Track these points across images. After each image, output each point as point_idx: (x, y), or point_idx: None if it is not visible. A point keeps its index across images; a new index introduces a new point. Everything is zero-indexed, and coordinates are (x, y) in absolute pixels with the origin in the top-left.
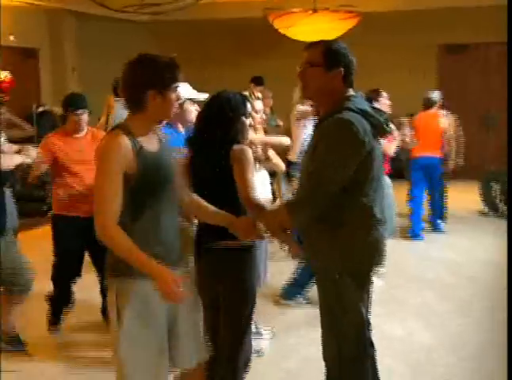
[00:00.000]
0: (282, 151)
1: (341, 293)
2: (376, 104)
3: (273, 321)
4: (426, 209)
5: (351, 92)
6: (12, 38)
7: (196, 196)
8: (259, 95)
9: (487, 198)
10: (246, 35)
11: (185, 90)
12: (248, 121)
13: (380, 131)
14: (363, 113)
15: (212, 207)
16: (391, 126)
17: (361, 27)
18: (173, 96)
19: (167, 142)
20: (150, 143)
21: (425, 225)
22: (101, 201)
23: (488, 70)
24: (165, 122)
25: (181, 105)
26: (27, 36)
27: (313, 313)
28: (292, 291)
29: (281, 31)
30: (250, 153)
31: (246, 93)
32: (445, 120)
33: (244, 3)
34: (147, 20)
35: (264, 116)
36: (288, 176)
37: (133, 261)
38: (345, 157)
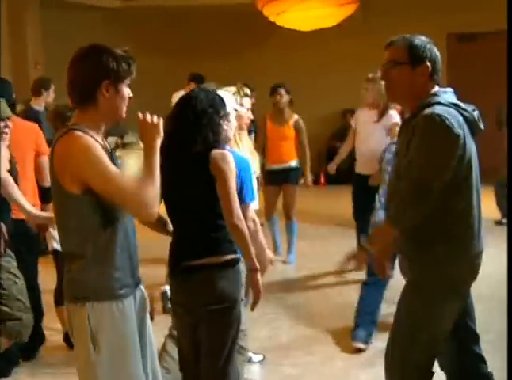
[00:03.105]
0: None
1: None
2: None
3: (264, 345)
4: None
5: (437, 88)
6: None
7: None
8: (248, 92)
9: (503, 205)
10: (233, 23)
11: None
12: (232, 122)
13: (474, 127)
14: (455, 107)
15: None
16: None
17: (361, 15)
18: (126, 91)
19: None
20: (104, 144)
21: None
22: (118, 182)
23: (500, 60)
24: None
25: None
26: None
27: (305, 336)
28: (366, 329)
29: (271, 18)
30: (231, 158)
31: (233, 89)
32: None
33: None
34: (118, 7)
35: (251, 116)
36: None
37: (154, 165)
38: (441, 155)
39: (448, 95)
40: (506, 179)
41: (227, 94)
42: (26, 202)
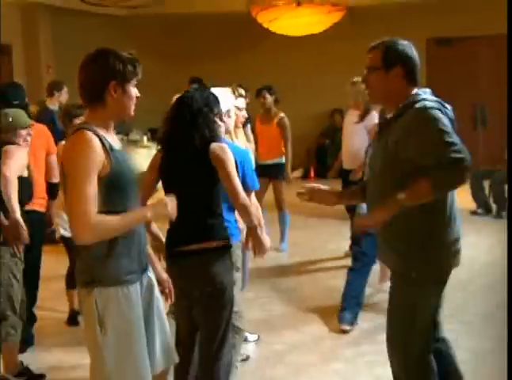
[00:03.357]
0: None
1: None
2: None
3: (259, 325)
4: None
5: (416, 90)
6: None
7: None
8: (242, 92)
9: (479, 197)
10: (229, 29)
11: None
12: (233, 116)
13: (452, 124)
14: (438, 103)
15: None
16: None
17: (348, 21)
18: (133, 91)
19: (123, 142)
20: (113, 140)
21: None
22: (82, 202)
23: (476, 63)
24: None
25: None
26: None
27: (296, 317)
28: (352, 312)
29: (265, 25)
30: (228, 149)
31: (229, 90)
32: None
33: None
34: (124, 15)
35: (246, 115)
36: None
37: (132, 225)
38: (452, 135)
39: (427, 95)
40: (481, 173)
41: (228, 92)
42: (17, 208)
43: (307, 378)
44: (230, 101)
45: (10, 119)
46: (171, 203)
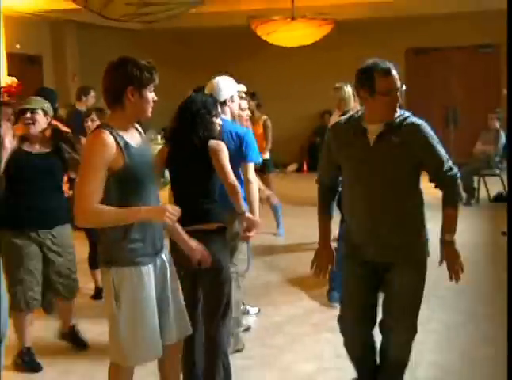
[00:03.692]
0: None
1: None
2: None
3: (259, 300)
4: None
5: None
6: (18, 46)
7: None
8: (243, 94)
9: None
10: (232, 41)
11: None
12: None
13: None
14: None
15: None
16: None
17: (336, 33)
18: (150, 95)
19: (146, 138)
20: (132, 138)
21: None
22: (84, 190)
23: (449, 70)
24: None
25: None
26: (31, 44)
27: (292, 293)
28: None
29: (263, 37)
30: (223, 145)
31: (232, 79)
32: None
33: (230, 12)
34: (140, 29)
35: (249, 113)
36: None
37: (123, 221)
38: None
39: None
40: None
41: (230, 80)
42: None
43: (302, 346)
44: (232, 88)
45: None
46: (173, 213)
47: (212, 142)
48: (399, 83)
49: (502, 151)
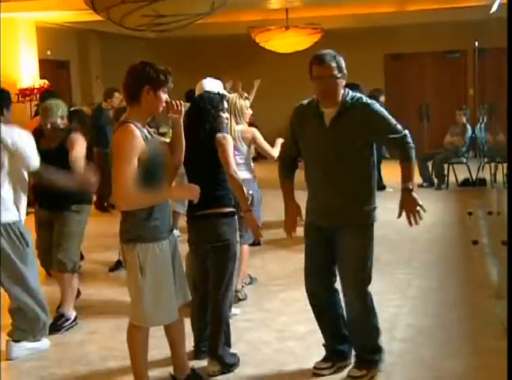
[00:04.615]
0: None
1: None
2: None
3: (258, 271)
4: None
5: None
6: (48, 53)
7: None
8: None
9: (424, 174)
10: (233, 48)
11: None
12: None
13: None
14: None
15: None
16: None
17: (325, 40)
18: (163, 96)
19: (159, 131)
20: (147, 132)
21: None
22: (121, 177)
23: (422, 73)
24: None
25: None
26: (60, 51)
27: (287, 265)
28: None
29: (261, 44)
30: (230, 138)
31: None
32: None
33: (232, 22)
34: (154, 37)
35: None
36: None
37: (159, 200)
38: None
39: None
40: (426, 155)
41: (215, 81)
42: None
43: (294, 310)
44: (215, 88)
45: None
46: (194, 190)
47: (219, 135)
48: (334, 72)
49: (469, 142)
